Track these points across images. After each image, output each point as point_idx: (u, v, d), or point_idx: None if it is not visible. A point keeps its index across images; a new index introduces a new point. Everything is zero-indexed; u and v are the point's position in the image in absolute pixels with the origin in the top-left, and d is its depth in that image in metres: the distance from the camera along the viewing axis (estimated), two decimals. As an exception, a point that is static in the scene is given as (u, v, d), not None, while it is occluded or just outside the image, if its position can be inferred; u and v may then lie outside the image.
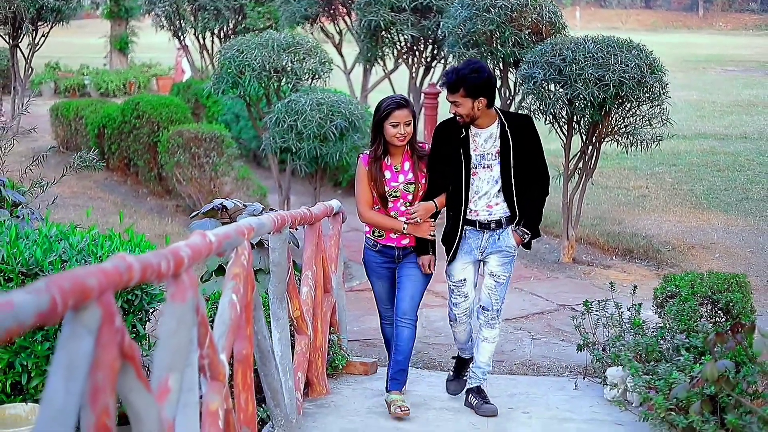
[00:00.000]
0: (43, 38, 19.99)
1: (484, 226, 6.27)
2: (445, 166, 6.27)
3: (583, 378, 7.28)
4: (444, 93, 6.77)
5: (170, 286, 3.56)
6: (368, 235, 6.52)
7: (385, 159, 6.34)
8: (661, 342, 6.65)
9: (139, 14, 26.85)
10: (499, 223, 6.28)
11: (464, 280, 6.34)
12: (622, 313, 7.25)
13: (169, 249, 3.51)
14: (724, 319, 6.91)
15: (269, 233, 5.43)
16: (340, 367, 7.26)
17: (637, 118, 10.76)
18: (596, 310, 7.32)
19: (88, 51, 37.61)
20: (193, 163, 13.60)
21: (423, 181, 6.32)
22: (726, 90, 29.14)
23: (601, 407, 6.53)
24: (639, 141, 10.77)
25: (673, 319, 6.69)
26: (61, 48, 33.75)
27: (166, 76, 28.38)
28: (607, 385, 6.71)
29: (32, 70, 20.64)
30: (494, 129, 6.23)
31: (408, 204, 6.34)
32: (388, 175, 6.33)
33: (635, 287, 7.62)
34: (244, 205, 6.94)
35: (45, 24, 19.98)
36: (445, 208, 6.43)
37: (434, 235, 6.33)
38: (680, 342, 6.37)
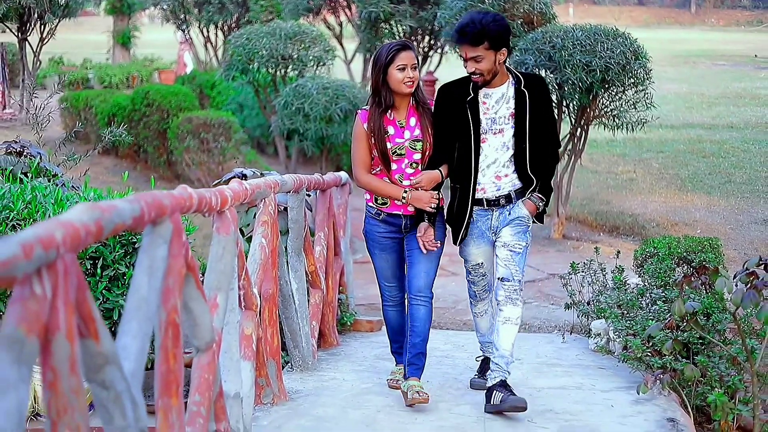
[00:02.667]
0: (51, 32, 20.55)
1: (493, 204, 5.61)
2: (450, 131, 5.58)
3: (570, 333, 7.96)
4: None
5: (216, 221, 4.24)
6: (370, 203, 5.85)
7: (388, 113, 5.65)
8: (641, 299, 7.32)
9: (145, 7, 27.43)
10: (508, 198, 5.60)
11: (481, 263, 5.78)
12: (605, 274, 7.93)
13: (216, 189, 4.18)
14: (697, 277, 7.57)
15: (289, 192, 6.10)
16: (348, 324, 7.94)
17: (623, 102, 11.46)
18: (582, 272, 7.99)
19: (87, 47, 38.19)
20: (202, 148, 14.26)
21: (431, 138, 5.65)
22: (715, 83, 29.81)
23: (586, 355, 7.21)
24: (625, 124, 11.46)
25: (651, 277, 7.36)
26: (61, 44, 34.32)
27: (168, 69, 28.98)
28: (591, 337, 7.39)
29: (40, 62, 21.21)
30: (506, 88, 5.54)
31: (414, 164, 5.66)
32: (391, 130, 5.64)
33: (618, 252, 8.31)
34: (261, 173, 7.58)
35: (53, 18, 20.54)
36: (448, 181, 5.80)
37: (435, 208, 5.65)
38: (657, 295, 7.03)
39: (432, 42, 15.69)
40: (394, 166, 5.68)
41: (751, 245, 11.25)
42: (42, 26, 20.34)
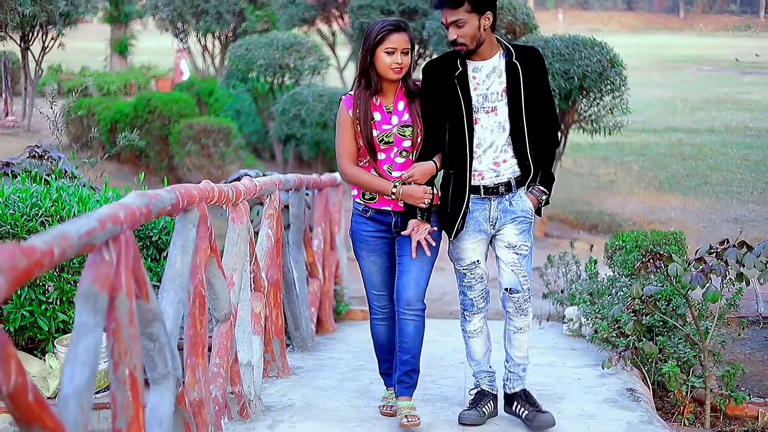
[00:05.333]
0: (53, 41, 21.14)
1: (491, 192, 5.04)
2: (440, 113, 5.01)
3: (547, 320, 8.67)
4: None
5: (231, 212, 4.95)
6: (357, 200, 5.26)
7: (374, 98, 5.10)
8: (612, 289, 8.02)
9: (141, 16, 28.10)
10: (508, 187, 5.05)
11: (477, 261, 5.19)
12: (579, 265, 8.65)
13: (232, 184, 4.88)
14: (661, 267, 8.29)
15: (291, 189, 6.80)
16: (343, 312, 8.65)
17: (600, 108, 12.20)
18: (557, 264, 8.72)
19: (83, 54, 38.77)
20: (203, 153, 14.97)
21: (421, 123, 5.08)
22: (699, 88, 30.53)
23: (560, 339, 7.91)
24: (602, 128, 12.21)
25: (619, 267, 8.06)
26: (58, 52, 34.91)
27: (165, 77, 29.65)
28: (565, 323, 8.10)
29: (42, 71, 21.83)
30: (497, 61, 4.99)
31: (404, 153, 5.09)
32: (378, 116, 5.08)
33: (592, 246, 9.01)
34: (264, 174, 8.28)
35: (54, 27, 21.11)
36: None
37: (429, 204, 5.04)
38: (623, 284, 7.73)
39: (421, 51, 16.42)
40: (381, 156, 5.10)
41: (722, 242, 11.98)
42: (44, 35, 20.94)
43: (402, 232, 5.10)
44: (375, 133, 5.07)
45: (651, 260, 6.22)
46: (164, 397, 3.64)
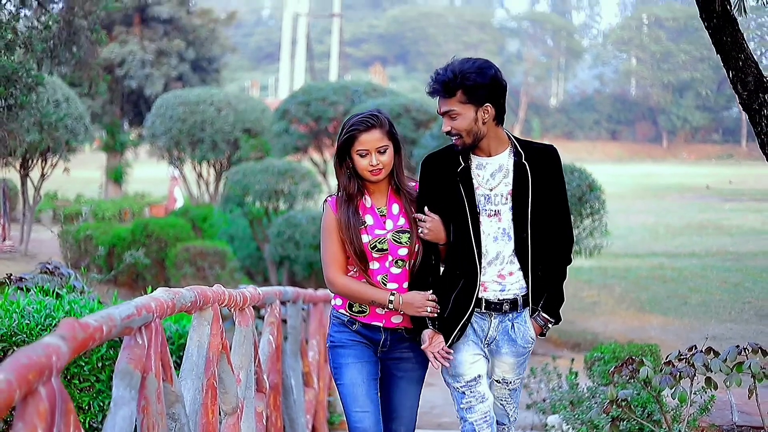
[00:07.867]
0: (51, 168, 21.80)
1: (494, 308, 4.46)
2: (441, 210, 4.44)
3: (531, 430, 9.07)
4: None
5: (238, 316, 5.45)
6: (341, 310, 4.66)
7: (363, 199, 4.54)
8: (592, 400, 8.46)
9: (138, 146, 28.91)
10: (514, 305, 4.48)
11: (479, 377, 4.51)
12: (560, 377, 9.10)
13: (238, 291, 5.38)
14: (638, 377, 8.75)
15: (288, 301, 7.30)
16: (336, 423, 9.05)
17: (581, 231, 12.78)
18: (540, 377, 9.16)
19: (77, 182, 39.48)
20: (198, 276, 15.47)
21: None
22: (681, 214, 31.31)
23: (543, 446, 8.33)
24: (583, 249, 12.77)
25: (598, 377, 8.52)
26: (52, 180, 35.59)
27: (159, 204, 30.34)
28: (547, 430, 8.51)
29: (41, 197, 22.43)
30: (505, 159, 4.41)
31: (400, 262, 4.49)
32: (370, 220, 4.49)
33: (573, 359, 9.47)
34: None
35: (54, 155, 21.78)
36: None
37: (433, 311, 4.45)
38: (602, 392, 8.18)
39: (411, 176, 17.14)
40: (375, 265, 4.51)
41: (699, 358, 12.44)
42: (44, 162, 21.59)
43: (390, 360, 4.63)
44: (367, 238, 4.48)
45: (624, 365, 6.69)
46: (182, 474, 4.07)
